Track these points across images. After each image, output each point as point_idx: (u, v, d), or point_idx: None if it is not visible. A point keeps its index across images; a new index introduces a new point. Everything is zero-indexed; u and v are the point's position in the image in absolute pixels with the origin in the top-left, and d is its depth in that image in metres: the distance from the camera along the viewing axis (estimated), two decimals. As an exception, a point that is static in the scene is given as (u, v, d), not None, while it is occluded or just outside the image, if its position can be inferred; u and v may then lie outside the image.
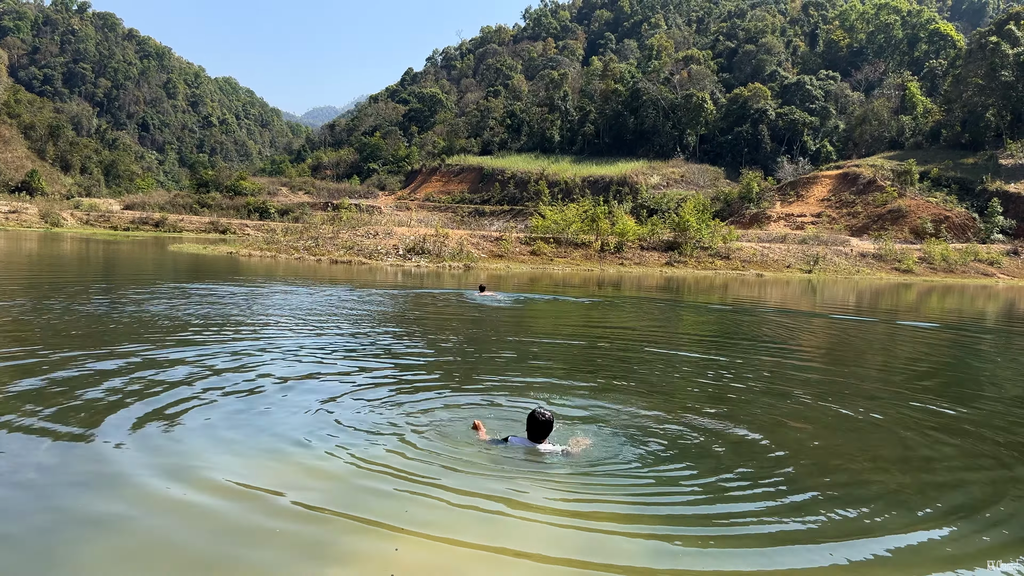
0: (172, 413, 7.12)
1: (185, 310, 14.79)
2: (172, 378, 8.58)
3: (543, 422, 6.24)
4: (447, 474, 5.63)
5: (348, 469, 5.74)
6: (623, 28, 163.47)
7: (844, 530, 5.02)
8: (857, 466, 6.59)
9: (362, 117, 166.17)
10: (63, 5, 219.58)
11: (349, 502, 5.08)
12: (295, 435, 6.58)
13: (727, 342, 15.46)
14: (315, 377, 9.16)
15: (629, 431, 7.20)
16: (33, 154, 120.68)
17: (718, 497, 5.52)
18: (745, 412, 8.35)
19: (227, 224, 77.96)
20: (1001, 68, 79.31)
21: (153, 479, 5.37)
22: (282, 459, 5.95)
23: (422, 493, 5.27)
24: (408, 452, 6.16)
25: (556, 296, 24.21)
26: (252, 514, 4.86)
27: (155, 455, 5.88)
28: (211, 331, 12.27)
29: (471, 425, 6.77)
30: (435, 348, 12.18)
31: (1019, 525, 5.33)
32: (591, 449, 6.42)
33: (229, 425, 6.84)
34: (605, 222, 47.83)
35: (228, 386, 8.34)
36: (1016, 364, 14.20)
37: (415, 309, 18.58)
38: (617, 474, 5.91)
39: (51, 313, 13.34)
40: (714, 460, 6.44)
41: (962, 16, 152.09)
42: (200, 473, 5.54)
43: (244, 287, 21.07)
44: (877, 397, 9.79)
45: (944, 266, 53.33)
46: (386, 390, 8.61)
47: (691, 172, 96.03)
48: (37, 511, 4.78)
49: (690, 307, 23.71)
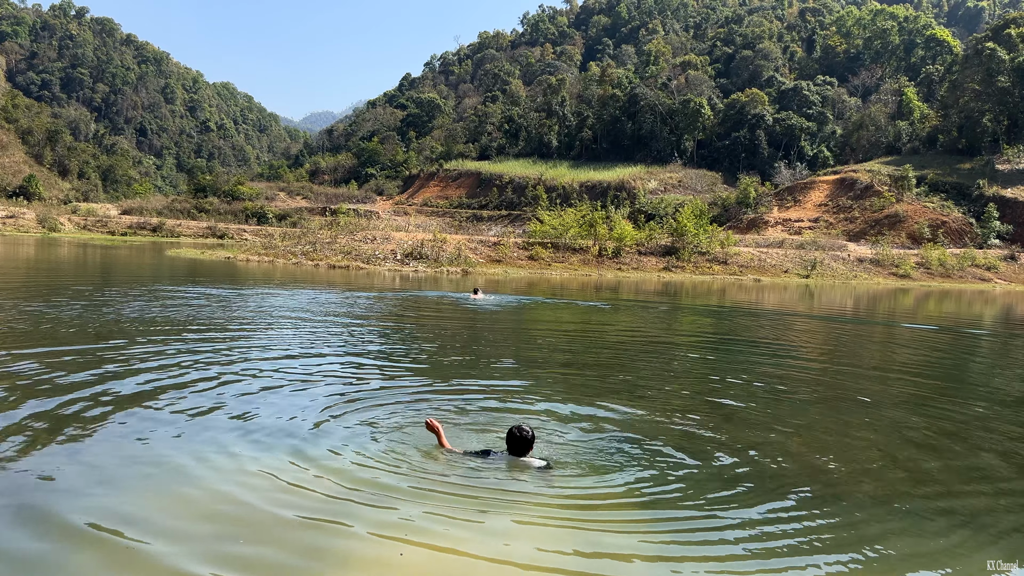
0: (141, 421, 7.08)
1: (163, 312, 14.76)
2: (128, 388, 8.54)
3: (520, 439, 6.00)
4: (432, 484, 5.55)
5: (331, 478, 5.71)
6: (621, 34, 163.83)
7: (842, 540, 5.00)
8: (852, 473, 6.57)
9: (360, 122, 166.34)
10: (61, 10, 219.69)
11: (345, 511, 5.06)
12: (287, 439, 6.55)
13: (723, 346, 15.45)
14: (299, 381, 9.13)
15: (621, 437, 7.17)
16: (31, 159, 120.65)
17: (714, 507, 5.49)
18: (741, 419, 8.33)
19: (225, 229, 77.86)
20: (997, 74, 79.56)
21: (145, 483, 5.34)
22: (274, 464, 5.92)
23: (396, 501, 5.24)
24: (383, 461, 6.11)
25: (544, 299, 24.19)
26: (257, 515, 4.84)
27: (138, 462, 5.85)
28: (196, 333, 12.25)
29: (424, 423, 6.52)
30: (430, 350, 12.16)
31: (1017, 534, 5.32)
32: (578, 459, 6.31)
33: (224, 429, 6.81)
34: (603, 227, 47.85)
35: (219, 389, 8.31)
36: (1013, 368, 14.21)
37: (404, 311, 18.55)
38: (610, 485, 5.85)
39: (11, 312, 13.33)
40: (709, 468, 6.42)
41: (958, 22, 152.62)
42: (200, 479, 5.51)
43: (228, 290, 21.04)
44: (877, 402, 9.78)
45: (941, 271, 53.41)
46: (364, 393, 8.59)
47: (689, 177, 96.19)
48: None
49: (688, 310, 23.71)
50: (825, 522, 5.20)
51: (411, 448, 6.44)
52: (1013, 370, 14.12)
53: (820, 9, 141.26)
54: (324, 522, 4.83)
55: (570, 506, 5.30)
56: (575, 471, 6.09)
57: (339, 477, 5.64)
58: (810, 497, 5.72)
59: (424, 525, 4.82)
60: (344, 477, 5.65)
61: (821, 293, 37.17)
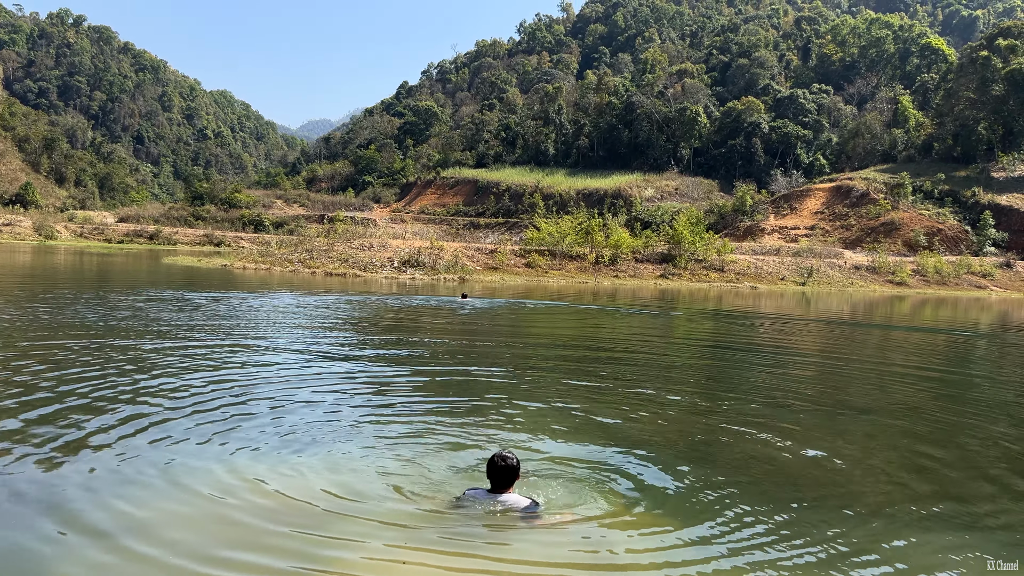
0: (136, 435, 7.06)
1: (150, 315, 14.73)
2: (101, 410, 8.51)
3: (504, 468, 5.08)
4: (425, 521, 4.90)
5: (322, 488, 5.69)
6: (617, 42, 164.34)
7: (843, 541, 5.00)
8: (852, 475, 6.57)
9: (357, 130, 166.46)
10: (59, 18, 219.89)
11: (346, 518, 5.04)
12: (264, 450, 6.54)
13: (722, 350, 15.46)
14: (300, 387, 9.12)
15: (614, 454, 7.14)
16: (27, 167, 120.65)
17: (717, 531, 5.48)
18: (742, 424, 8.33)
19: (222, 237, 77.86)
20: (992, 82, 79.96)
21: (141, 495, 5.32)
22: (273, 474, 5.91)
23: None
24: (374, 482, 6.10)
25: (533, 302, 24.20)
26: (253, 525, 4.82)
27: (144, 470, 5.83)
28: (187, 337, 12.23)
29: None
30: (423, 355, 12.16)
31: (1017, 534, 5.33)
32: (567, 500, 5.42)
33: (220, 440, 6.79)
34: (599, 234, 47.92)
35: (210, 400, 8.29)
36: (1012, 369, 14.24)
37: (390, 316, 18.54)
38: (606, 524, 5.08)
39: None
40: (710, 484, 6.40)
41: (953, 31, 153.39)
42: (196, 488, 5.49)
43: (222, 295, 21.03)
44: (878, 407, 9.79)
45: (937, 278, 53.53)
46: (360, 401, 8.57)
47: (685, 185, 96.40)
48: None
49: (687, 316, 23.74)
50: (826, 523, 5.19)
51: (409, 463, 6.42)
52: (1013, 371, 14.15)
53: (815, 18, 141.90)
54: (324, 531, 4.81)
55: (562, 563, 4.47)
56: (566, 503, 5.39)
57: (341, 488, 5.62)
58: (814, 503, 5.72)
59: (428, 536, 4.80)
60: (345, 488, 5.63)
61: (818, 300, 37.23)
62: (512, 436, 7.22)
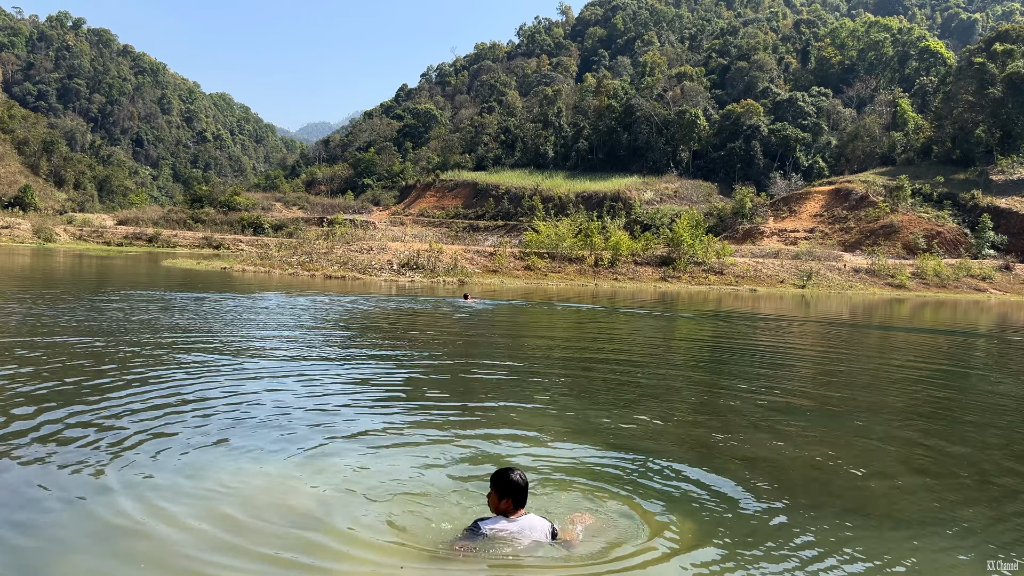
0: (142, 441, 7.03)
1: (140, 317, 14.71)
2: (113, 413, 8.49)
3: (525, 485, 4.65)
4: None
5: (319, 492, 5.66)
6: (616, 45, 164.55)
7: (842, 543, 4.98)
8: (852, 476, 6.55)
9: (357, 133, 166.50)
10: (58, 21, 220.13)
11: (346, 522, 5.02)
12: (270, 453, 6.52)
13: (721, 354, 15.44)
14: (298, 391, 9.09)
15: (622, 462, 7.11)
16: (27, 169, 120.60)
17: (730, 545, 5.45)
18: (743, 435, 8.31)
19: (221, 239, 77.80)
20: (991, 85, 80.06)
21: (137, 500, 5.30)
22: (274, 475, 5.88)
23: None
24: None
25: (530, 303, 24.18)
26: (253, 526, 4.80)
27: (134, 485, 5.81)
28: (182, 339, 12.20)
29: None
30: (425, 358, 12.13)
31: (1018, 535, 5.31)
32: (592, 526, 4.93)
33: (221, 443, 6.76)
34: (599, 237, 47.90)
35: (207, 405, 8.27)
36: (1011, 371, 14.22)
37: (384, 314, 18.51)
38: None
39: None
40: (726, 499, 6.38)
41: (952, 34, 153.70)
42: (199, 498, 5.47)
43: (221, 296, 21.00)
44: (877, 409, 9.77)
45: (937, 281, 53.54)
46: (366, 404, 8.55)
47: (684, 188, 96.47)
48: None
49: (688, 319, 23.72)
50: (824, 522, 5.18)
51: (411, 468, 6.39)
52: (1012, 373, 14.14)
53: (815, 21, 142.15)
54: (322, 535, 4.79)
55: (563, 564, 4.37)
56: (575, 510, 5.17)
57: (338, 491, 5.60)
58: (814, 503, 5.70)
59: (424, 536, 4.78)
60: (345, 492, 5.61)
61: (817, 303, 37.22)
62: (512, 438, 7.19)
